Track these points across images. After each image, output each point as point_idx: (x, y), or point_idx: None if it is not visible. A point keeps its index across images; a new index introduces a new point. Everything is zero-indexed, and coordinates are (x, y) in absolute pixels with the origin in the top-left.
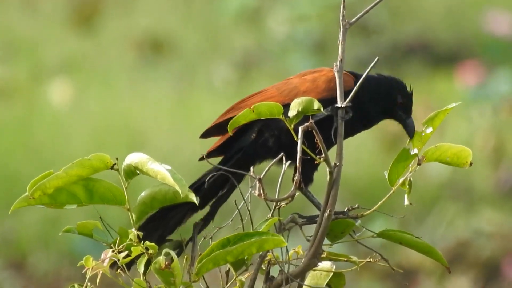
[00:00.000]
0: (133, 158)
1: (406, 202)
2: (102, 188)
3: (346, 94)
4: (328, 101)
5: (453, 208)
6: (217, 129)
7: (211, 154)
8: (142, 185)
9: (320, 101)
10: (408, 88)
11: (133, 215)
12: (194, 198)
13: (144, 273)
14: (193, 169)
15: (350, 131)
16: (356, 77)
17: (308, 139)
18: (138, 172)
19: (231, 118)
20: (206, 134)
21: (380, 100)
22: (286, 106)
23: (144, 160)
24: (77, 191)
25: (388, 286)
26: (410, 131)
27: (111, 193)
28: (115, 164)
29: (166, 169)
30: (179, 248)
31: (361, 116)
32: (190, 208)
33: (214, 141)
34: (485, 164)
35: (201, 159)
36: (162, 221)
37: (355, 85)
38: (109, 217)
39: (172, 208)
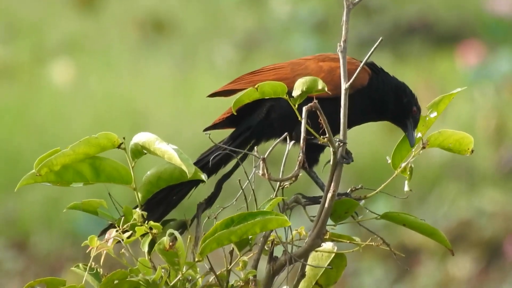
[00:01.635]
0: (141, 138)
1: (406, 188)
2: (109, 167)
3: (359, 90)
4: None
5: (455, 188)
6: (225, 91)
7: (217, 125)
8: (146, 165)
9: (336, 94)
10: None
11: (139, 195)
12: (203, 176)
13: (149, 253)
14: (195, 148)
15: (360, 116)
16: (375, 72)
17: (313, 119)
18: (145, 151)
19: (238, 89)
20: (213, 95)
21: (402, 100)
22: None
23: (151, 139)
24: (83, 169)
25: (389, 267)
26: (411, 141)
27: (117, 172)
28: (122, 143)
29: (173, 148)
30: (183, 227)
31: (374, 98)
32: (194, 184)
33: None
34: (487, 144)
35: (207, 129)
36: (166, 197)
37: (370, 81)
38: (114, 196)
39: (178, 185)
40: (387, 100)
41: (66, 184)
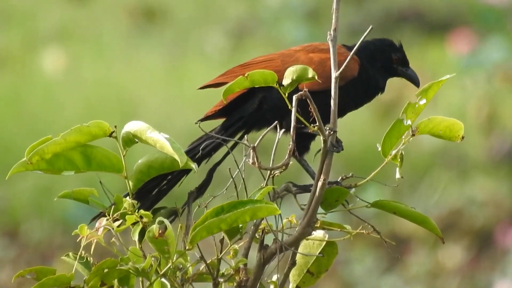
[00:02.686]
0: (132, 126)
1: (398, 175)
2: (100, 155)
3: (351, 81)
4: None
5: (446, 176)
6: (216, 83)
7: (209, 117)
8: (137, 153)
9: (327, 87)
10: (396, 43)
11: (130, 183)
12: (193, 166)
13: (140, 242)
14: (186, 136)
15: (354, 105)
16: (360, 56)
17: (304, 108)
18: (137, 140)
19: (228, 82)
20: (203, 87)
21: (378, 63)
22: None
23: (143, 128)
24: (75, 157)
25: (380, 255)
26: (415, 81)
27: (108, 160)
28: (113, 131)
29: (165, 137)
30: (173, 216)
31: (366, 87)
32: (185, 173)
33: (208, 102)
34: (478, 132)
35: (202, 120)
36: (157, 186)
37: (360, 70)
38: (105, 185)
39: (168, 174)
40: (378, 79)
41: (57, 172)
